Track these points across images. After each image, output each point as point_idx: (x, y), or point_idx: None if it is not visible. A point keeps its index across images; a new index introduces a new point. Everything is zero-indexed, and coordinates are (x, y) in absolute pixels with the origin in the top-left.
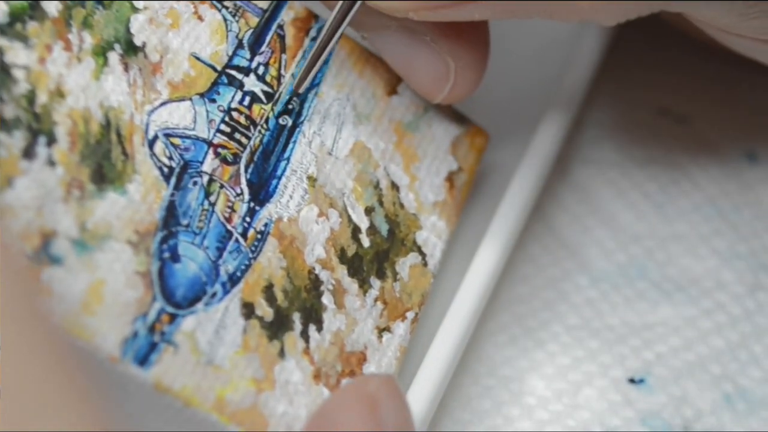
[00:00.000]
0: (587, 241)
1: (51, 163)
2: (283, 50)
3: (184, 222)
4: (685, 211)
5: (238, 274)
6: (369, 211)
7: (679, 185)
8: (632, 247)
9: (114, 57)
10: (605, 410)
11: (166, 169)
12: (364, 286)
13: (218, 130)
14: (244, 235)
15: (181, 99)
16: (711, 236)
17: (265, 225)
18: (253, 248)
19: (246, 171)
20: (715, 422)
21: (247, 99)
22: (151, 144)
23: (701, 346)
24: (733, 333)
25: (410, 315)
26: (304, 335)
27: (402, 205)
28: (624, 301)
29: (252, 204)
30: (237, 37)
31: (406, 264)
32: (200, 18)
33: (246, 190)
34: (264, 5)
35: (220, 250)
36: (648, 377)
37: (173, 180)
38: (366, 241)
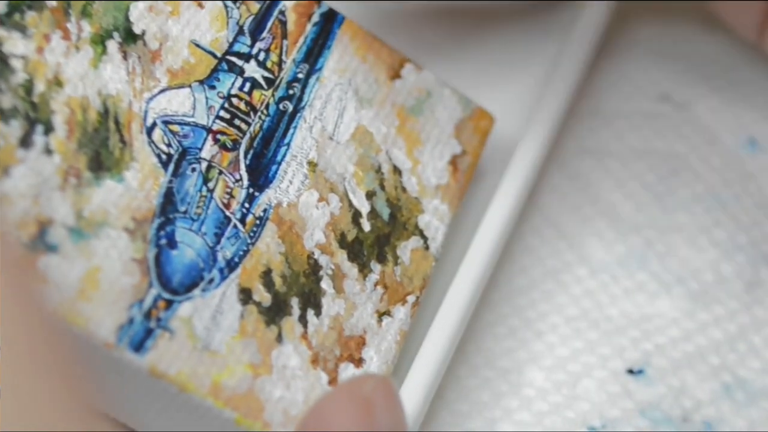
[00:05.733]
0: (586, 231)
1: (48, 151)
2: (284, 36)
3: (182, 208)
4: (685, 202)
5: (236, 259)
6: (370, 195)
7: (678, 175)
8: (632, 238)
9: (113, 45)
10: (604, 402)
11: (164, 156)
12: (364, 270)
13: (218, 117)
14: (242, 220)
15: (180, 86)
16: (711, 227)
17: (264, 210)
18: (251, 234)
19: (245, 157)
20: (714, 413)
21: (248, 85)
22: (150, 131)
23: (700, 338)
24: (732, 324)
25: (411, 299)
26: (303, 320)
27: (404, 189)
28: (623, 292)
29: (251, 190)
30: (238, 23)
31: (407, 248)
32: (201, 5)
33: (245, 176)
34: None
35: (218, 236)
36: (647, 368)
37: (171, 167)
38: (367, 226)
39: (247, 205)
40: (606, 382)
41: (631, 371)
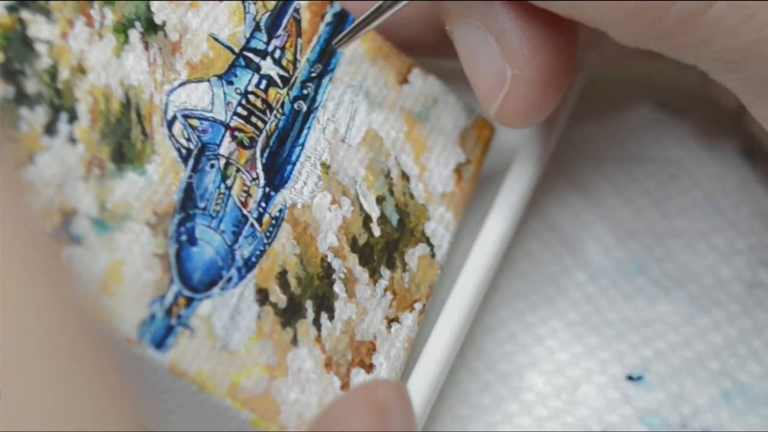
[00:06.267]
0: (586, 236)
1: (72, 140)
2: (299, 34)
3: (202, 205)
4: (683, 208)
5: (253, 259)
6: (380, 200)
7: (677, 182)
8: (631, 243)
9: (135, 35)
10: (603, 407)
11: (184, 151)
12: (374, 275)
13: (235, 113)
14: (259, 220)
15: (200, 80)
16: (709, 233)
17: (280, 211)
18: (267, 234)
19: (262, 155)
20: (712, 419)
21: (264, 82)
22: (170, 124)
23: (699, 343)
24: (732, 329)
25: (418, 306)
26: (316, 323)
27: (412, 196)
28: (623, 297)
29: (267, 189)
30: (254, 19)
31: (414, 255)
32: None
33: (262, 175)
34: None
35: (236, 235)
36: (646, 374)
37: (191, 162)
38: (377, 231)
39: (263, 204)
40: (605, 387)
41: (630, 377)
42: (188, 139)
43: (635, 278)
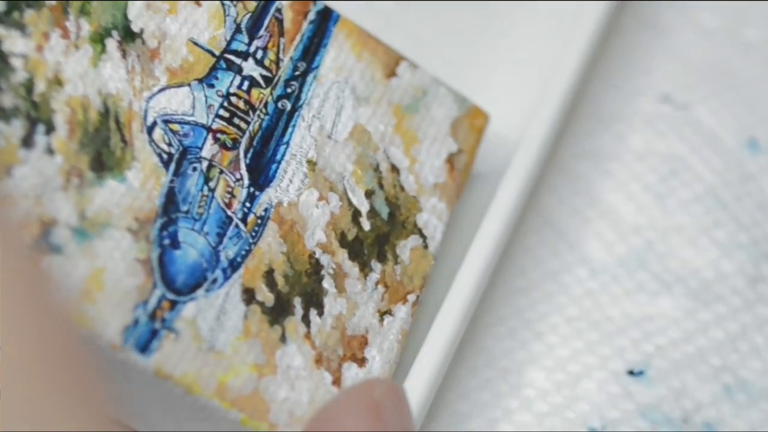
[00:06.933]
0: (587, 232)
1: (50, 151)
2: (281, 34)
3: (184, 208)
4: (685, 202)
5: (239, 259)
6: (369, 194)
7: (679, 176)
8: (632, 239)
9: (112, 44)
10: (604, 403)
11: (165, 156)
12: (365, 269)
13: (217, 116)
14: (244, 220)
15: (180, 85)
16: (711, 227)
17: (265, 210)
18: (253, 233)
19: (245, 156)
20: (714, 414)
21: (246, 83)
22: (150, 130)
23: (701, 338)
24: (734, 324)
25: (411, 298)
26: (305, 320)
27: (402, 188)
28: (624, 292)
29: (252, 189)
30: (235, 21)
31: (406, 247)
32: (198, 3)
33: (245, 175)
34: None
35: (221, 236)
36: (647, 369)
37: (172, 166)
38: (366, 225)
39: (248, 204)
40: (606, 382)
41: (631, 372)
42: (169, 144)
43: (636, 273)
